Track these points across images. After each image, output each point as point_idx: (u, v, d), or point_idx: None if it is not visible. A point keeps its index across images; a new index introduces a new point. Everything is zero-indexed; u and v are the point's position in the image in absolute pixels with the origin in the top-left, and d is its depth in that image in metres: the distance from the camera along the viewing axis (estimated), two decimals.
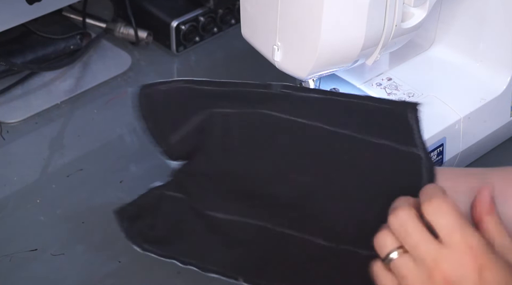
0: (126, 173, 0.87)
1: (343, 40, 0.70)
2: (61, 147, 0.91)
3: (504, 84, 0.84)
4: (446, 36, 0.88)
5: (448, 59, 0.87)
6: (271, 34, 0.73)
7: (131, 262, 0.77)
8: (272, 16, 0.72)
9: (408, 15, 0.73)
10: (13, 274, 0.75)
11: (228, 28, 1.08)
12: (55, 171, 0.87)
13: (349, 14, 0.68)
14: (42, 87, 0.98)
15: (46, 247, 0.78)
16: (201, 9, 1.05)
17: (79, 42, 1.01)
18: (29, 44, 0.99)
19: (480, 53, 0.85)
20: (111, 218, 0.81)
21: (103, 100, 0.98)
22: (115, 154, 0.90)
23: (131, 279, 0.75)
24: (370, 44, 0.71)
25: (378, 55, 0.73)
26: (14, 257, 0.77)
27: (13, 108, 0.95)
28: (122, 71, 1.02)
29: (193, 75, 1.03)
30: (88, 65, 1.02)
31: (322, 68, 0.73)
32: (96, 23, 1.06)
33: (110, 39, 1.06)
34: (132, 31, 1.04)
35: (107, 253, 0.78)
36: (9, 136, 0.91)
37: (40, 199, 0.83)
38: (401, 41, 0.75)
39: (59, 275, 0.76)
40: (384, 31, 0.71)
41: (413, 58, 0.88)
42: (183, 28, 1.03)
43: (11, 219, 0.81)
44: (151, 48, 1.06)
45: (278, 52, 0.73)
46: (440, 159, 0.80)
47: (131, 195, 0.83)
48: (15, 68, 0.96)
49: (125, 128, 0.94)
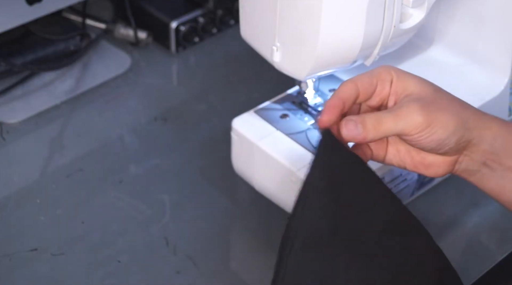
0: (126, 173, 0.87)
1: (342, 40, 0.70)
2: (61, 147, 0.91)
3: (502, 84, 0.84)
4: (445, 37, 0.88)
5: (447, 59, 0.87)
6: (270, 34, 0.73)
7: (131, 262, 0.77)
8: (271, 17, 0.72)
9: (407, 15, 0.74)
10: (13, 274, 0.76)
11: (227, 29, 1.09)
12: (55, 171, 0.88)
13: (347, 14, 0.68)
14: (42, 88, 0.98)
15: (46, 247, 0.78)
16: (201, 10, 1.05)
17: (79, 43, 1.01)
18: (29, 44, 0.99)
19: (478, 54, 0.85)
20: (111, 218, 0.82)
21: (103, 100, 0.98)
22: (115, 154, 0.90)
23: (131, 279, 0.76)
24: (369, 45, 0.71)
25: (376, 56, 0.73)
26: (14, 257, 0.77)
27: (13, 108, 0.95)
28: (122, 71, 1.02)
29: (193, 76, 1.04)
30: (88, 65, 1.02)
31: (321, 69, 0.73)
32: (96, 24, 1.06)
33: (109, 40, 1.06)
34: (132, 32, 1.04)
35: (107, 253, 0.78)
36: (9, 136, 0.92)
37: (40, 199, 0.83)
38: (400, 41, 0.75)
39: (59, 275, 0.76)
40: (382, 31, 0.71)
41: (412, 58, 0.88)
42: (182, 28, 1.03)
43: (11, 219, 0.81)
44: (151, 48, 1.06)
45: (277, 52, 0.74)
46: None
47: (131, 195, 0.84)
48: (15, 69, 0.96)
49: (125, 128, 0.94)
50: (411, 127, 0.62)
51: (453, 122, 0.63)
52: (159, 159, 0.89)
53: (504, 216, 0.83)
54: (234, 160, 0.83)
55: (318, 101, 0.81)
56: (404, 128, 0.62)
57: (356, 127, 0.62)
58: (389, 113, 0.63)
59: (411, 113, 0.62)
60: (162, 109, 0.97)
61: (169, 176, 0.87)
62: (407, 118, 0.62)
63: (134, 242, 0.79)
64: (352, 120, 0.63)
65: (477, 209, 0.83)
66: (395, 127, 0.62)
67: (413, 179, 0.79)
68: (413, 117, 0.62)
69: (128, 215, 0.82)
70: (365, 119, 0.63)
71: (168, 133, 0.93)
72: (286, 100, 0.82)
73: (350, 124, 0.63)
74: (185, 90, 1.01)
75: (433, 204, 0.84)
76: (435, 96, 0.64)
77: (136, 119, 0.95)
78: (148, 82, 1.01)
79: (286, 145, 0.77)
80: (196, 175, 0.87)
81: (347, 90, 0.64)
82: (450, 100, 0.65)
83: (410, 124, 0.62)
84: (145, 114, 0.96)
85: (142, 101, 0.98)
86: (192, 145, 0.91)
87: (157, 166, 0.88)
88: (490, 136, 0.65)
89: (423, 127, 0.62)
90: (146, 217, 0.81)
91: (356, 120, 0.63)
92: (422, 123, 0.62)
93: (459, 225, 0.82)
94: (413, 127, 0.62)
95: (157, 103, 0.98)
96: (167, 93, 1.00)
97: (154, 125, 0.94)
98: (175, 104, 0.98)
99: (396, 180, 0.77)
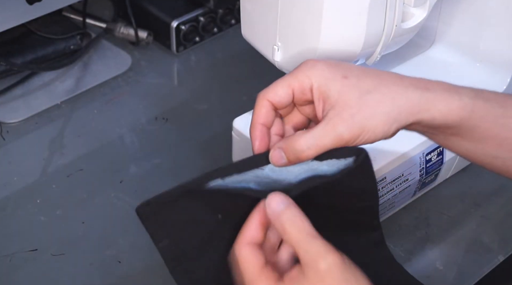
0: (126, 173, 0.87)
1: (343, 40, 0.70)
2: (61, 147, 0.91)
3: (504, 84, 0.84)
4: (446, 36, 0.88)
5: (448, 59, 0.87)
6: (271, 34, 0.73)
7: (131, 262, 0.77)
8: (272, 16, 0.72)
9: (408, 15, 0.73)
10: (13, 274, 0.75)
11: (228, 28, 1.09)
12: (55, 171, 0.87)
13: (349, 14, 0.68)
14: (42, 87, 0.98)
15: (46, 247, 0.78)
16: (201, 9, 1.05)
17: (79, 42, 1.01)
18: (29, 44, 0.99)
19: (480, 53, 0.85)
20: (111, 218, 0.82)
21: (103, 100, 0.98)
22: (115, 154, 0.90)
23: (131, 279, 0.75)
24: (370, 44, 0.71)
25: (378, 55, 0.73)
26: (14, 257, 0.77)
27: (13, 108, 0.95)
28: (122, 71, 1.02)
29: (193, 75, 1.04)
30: (88, 65, 1.02)
31: None
32: (96, 23, 1.06)
33: (110, 39, 1.06)
34: (132, 31, 1.04)
35: (107, 253, 0.78)
36: (9, 136, 0.91)
37: (40, 199, 0.83)
38: (401, 41, 0.75)
39: (59, 275, 0.76)
40: (384, 31, 0.71)
41: (413, 58, 0.88)
42: (183, 28, 1.03)
43: (11, 219, 0.81)
44: (151, 48, 1.06)
45: (278, 52, 0.73)
46: (440, 159, 0.80)
47: (131, 195, 0.84)
48: (15, 68, 0.96)
49: (125, 128, 0.94)
50: (339, 143, 0.59)
51: (382, 124, 0.59)
52: (160, 159, 0.89)
53: (506, 216, 0.83)
54: (235, 160, 0.82)
55: None
56: (333, 145, 0.60)
57: (282, 158, 0.60)
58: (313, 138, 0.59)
59: (337, 133, 0.59)
60: (162, 109, 0.96)
61: (169, 176, 0.86)
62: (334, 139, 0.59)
63: (134, 242, 0.79)
64: (278, 150, 0.60)
65: (479, 209, 0.83)
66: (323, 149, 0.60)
67: (415, 179, 0.79)
68: (339, 136, 0.59)
69: (128, 215, 0.82)
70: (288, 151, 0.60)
71: (169, 133, 0.93)
72: None
73: (276, 154, 0.60)
74: (186, 90, 1.01)
75: (435, 205, 0.83)
76: (360, 102, 0.59)
77: (136, 119, 0.95)
78: (149, 82, 1.01)
79: None
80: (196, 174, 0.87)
81: (262, 112, 0.62)
82: (378, 101, 0.60)
83: (337, 141, 0.59)
84: (145, 113, 0.96)
85: (142, 101, 0.98)
86: (192, 144, 0.91)
87: (158, 166, 0.88)
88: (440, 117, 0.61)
89: (351, 141, 0.59)
90: None
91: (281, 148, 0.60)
92: (349, 138, 0.59)
93: (461, 226, 0.82)
94: (342, 142, 0.59)
95: (158, 103, 0.98)
96: (167, 92, 1.00)
97: (155, 124, 0.94)
98: (175, 103, 0.98)
99: (398, 180, 0.77)
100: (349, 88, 0.60)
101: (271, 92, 0.61)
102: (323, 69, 0.60)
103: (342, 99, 0.59)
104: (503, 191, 0.85)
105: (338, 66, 0.61)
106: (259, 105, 0.62)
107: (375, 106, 0.59)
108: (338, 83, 0.60)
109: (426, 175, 0.80)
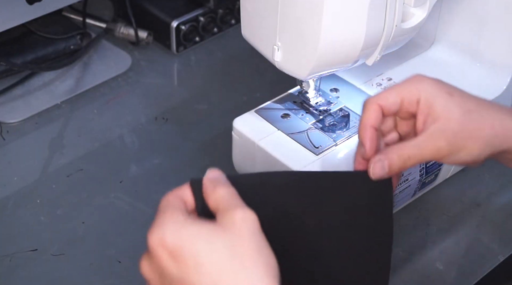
0: (126, 173, 0.87)
1: (343, 40, 0.70)
2: (61, 147, 0.91)
3: (504, 84, 0.84)
4: (446, 36, 0.88)
5: (448, 59, 0.87)
6: (271, 34, 0.73)
7: (131, 262, 0.77)
8: (272, 16, 0.72)
9: (408, 15, 0.73)
10: (13, 274, 0.75)
11: (228, 28, 1.08)
12: (55, 171, 0.87)
13: (349, 14, 0.68)
14: (42, 87, 0.98)
15: (46, 247, 0.78)
16: (201, 9, 1.05)
17: (79, 42, 1.01)
18: (29, 44, 0.99)
19: (480, 53, 0.85)
20: (111, 218, 0.82)
21: (103, 100, 0.98)
22: (115, 154, 0.90)
23: (131, 279, 0.75)
24: (370, 44, 0.71)
25: (378, 55, 0.73)
26: (14, 257, 0.77)
27: (13, 108, 0.95)
28: (122, 71, 1.02)
29: (193, 75, 1.04)
30: (88, 65, 1.02)
31: (322, 68, 0.73)
32: (96, 23, 1.06)
33: (110, 39, 1.06)
34: (132, 31, 1.04)
35: (107, 253, 0.78)
36: (9, 136, 0.91)
37: (40, 199, 0.83)
38: (401, 41, 0.75)
39: (59, 275, 0.76)
40: (384, 31, 0.71)
41: (413, 58, 0.88)
42: (183, 28, 1.03)
43: (11, 219, 0.81)
44: (151, 48, 1.06)
45: (278, 52, 0.73)
46: None
47: (131, 195, 0.84)
48: (15, 68, 0.96)
49: (125, 128, 0.94)
50: (436, 157, 0.63)
51: (477, 147, 0.62)
52: (159, 159, 0.89)
53: (506, 216, 0.83)
54: (235, 160, 0.82)
55: (319, 101, 0.81)
56: (430, 158, 0.63)
57: (383, 169, 0.62)
58: (415, 148, 0.62)
59: (437, 146, 0.62)
60: (162, 109, 0.96)
61: (169, 176, 0.86)
62: (433, 151, 0.62)
63: (134, 242, 0.78)
64: (380, 161, 0.62)
65: (479, 209, 0.83)
66: (421, 161, 0.63)
67: (415, 179, 0.79)
68: (438, 149, 0.62)
69: (128, 215, 0.82)
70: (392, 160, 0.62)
71: (169, 133, 0.93)
72: (287, 99, 0.82)
73: (377, 166, 0.63)
74: (186, 90, 1.01)
75: (435, 205, 0.83)
76: (463, 120, 0.62)
77: (136, 119, 0.95)
78: (149, 82, 1.01)
79: (287, 145, 0.77)
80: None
81: (373, 115, 0.63)
82: (479, 122, 0.63)
83: (435, 155, 0.63)
84: (145, 113, 0.96)
85: (142, 101, 0.98)
86: (192, 145, 0.91)
87: (157, 166, 0.88)
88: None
89: (446, 156, 0.62)
90: (146, 217, 0.81)
91: (383, 160, 0.63)
92: (446, 154, 0.62)
93: (461, 226, 0.82)
94: (439, 157, 0.63)
95: (158, 103, 0.98)
96: (167, 92, 1.00)
97: (155, 124, 0.94)
98: (175, 103, 0.98)
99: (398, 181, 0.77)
100: (454, 105, 0.63)
101: (383, 97, 0.64)
102: (431, 84, 0.63)
103: (446, 114, 0.62)
104: (503, 191, 0.85)
105: (443, 83, 0.64)
106: (370, 109, 0.64)
107: (476, 128, 0.62)
108: (443, 99, 0.63)
109: (426, 175, 0.80)
